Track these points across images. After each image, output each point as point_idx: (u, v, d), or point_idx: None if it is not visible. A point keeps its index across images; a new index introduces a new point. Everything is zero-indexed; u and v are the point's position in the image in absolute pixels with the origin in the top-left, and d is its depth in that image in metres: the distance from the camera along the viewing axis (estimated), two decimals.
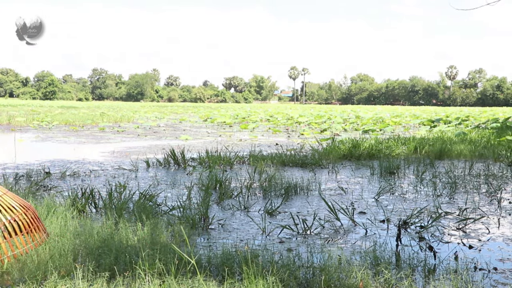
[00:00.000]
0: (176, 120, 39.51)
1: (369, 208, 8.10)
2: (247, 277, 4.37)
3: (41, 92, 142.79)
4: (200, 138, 22.55)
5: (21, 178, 10.25)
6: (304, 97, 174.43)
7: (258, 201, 8.59)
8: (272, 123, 36.26)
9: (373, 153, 14.40)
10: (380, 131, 27.19)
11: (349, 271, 4.62)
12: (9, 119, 31.90)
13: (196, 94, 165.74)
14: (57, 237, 5.40)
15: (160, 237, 5.66)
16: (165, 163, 12.71)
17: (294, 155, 13.56)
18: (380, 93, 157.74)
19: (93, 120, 34.07)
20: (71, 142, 20.19)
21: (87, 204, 7.49)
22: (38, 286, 4.33)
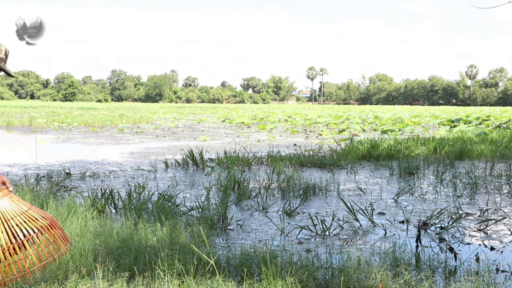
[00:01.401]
0: (195, 121, 39.63)
1: (388, 208, 8.06)
2: (266, 277, 4.37)
3: (61, 94, 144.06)
4: (218, 139, 22.60)
5: (42, 179, 10.35)
6: (322, 98, 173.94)
7: (276, 201, 8.59)
8: (290, 123, 36.22)
9: (392, 153, 14.31)
10: (399, 131, 27.02)
11: (368, 272, 4.59)
12: (30, 121, 32.23)
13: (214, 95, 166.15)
14: (77, 237, 5.44)
15: (179, 238, 5.68)
16: (183, 164, 12.75)
17: (312, 155, 13.53)
18: (399, 93, 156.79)
19: (112, 121, 34.30)
20: (90, 143, 20.35)
21: (107, 205, 7.54)
22: (59, 286, 4.37)
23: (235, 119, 38.37)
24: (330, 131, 28.09)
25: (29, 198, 6.92)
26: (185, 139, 22.33)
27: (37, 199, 7.04)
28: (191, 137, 23.49)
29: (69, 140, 21.63)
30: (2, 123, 30.81)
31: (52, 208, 6.40)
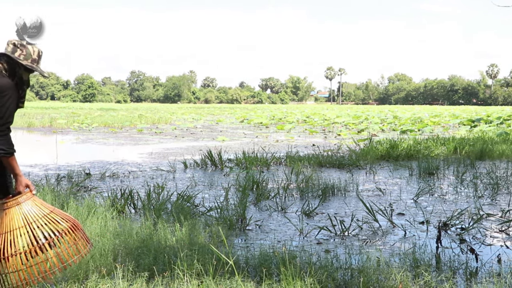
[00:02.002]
0: (213, 121, 39.73)
1: (408, 209, 8.00)
2: (285, 278, 4.37)
3: (81, 95, 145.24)
4: (236, 139, 22.63)
5: (63, 179, 10.44)
6: (341, 98, 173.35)
7: (295, 202, 8.57)
8: (308, 124, 36.16)
9: (412, 153, 14.22)
10: (418, 131, 26.83)
11: (388, 273, 4.57)
12: (51, 122, 32.54)
13: (232, 96, 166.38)
14: (97, 237, 5.48)
15: (198, 238, 5.69)
16: (202, 164, 12.79)
17: (331, 155, 13.49)
18: (418, 93, 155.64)
19: (131, 122, 34.50)
20: (110, 143, 20.49)
21: (126, 205, 7.59)
22: (80, 285, 4.41)
23: (254, 120, 38.37)
24: (349, 131, 27.98)
25: (50, 198, 6.99)
26: (204, 140, 22.39)
27: (57, 199, 7.11)
28: (210, 138, 23.54)
29: (88, 140, 21.81)
30: (24, 124, 31.15)
31: (72, 208, 6.45)
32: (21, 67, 3.99)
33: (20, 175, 3.88)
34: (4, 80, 3.87)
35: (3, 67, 3.95)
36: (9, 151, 3.80)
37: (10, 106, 3.83)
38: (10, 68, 3.96)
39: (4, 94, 3.81)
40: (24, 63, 3.97)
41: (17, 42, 4.00)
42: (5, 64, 3.95)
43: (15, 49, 3.97)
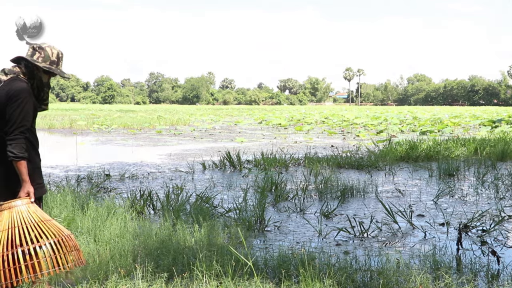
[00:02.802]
0: (231, 123, 39.79)
1: (428, 210, 7.94)
2: (304, 279, 4.36)
3: (101, 96, 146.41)
4: (255, 140, 22.63)
5: (83, 180, 10.53)
6: (360, 99, 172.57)
7: (314, 203, 8.55)
8: (327, 125, 36.06)
9: (431, 154, 14.11)
10: (438, 132, 26.62)
11: (408, 275, 4.53)
12: (71, 123, 32.83)
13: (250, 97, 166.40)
14: (117, 238, 5.52)
15: (217, 239, 5.70)
16: (221, 165, 12.81)
17: (350, 157, 13.44)
18: (438, 94, 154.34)
19: (150, 123, 34.68)
20: (129, 145, 20.62)
21: (146, 206, 7.63)
22: (100, 285, 4.44)
23: (272, 121, 38.36)
24: (368, 132, 27.85)
25: (71, 199, 7.05)
26: (222, 141, 22.43)
27: (78, 200, 7.17)
28: (228, 139, 23.58)
29: (108, 142, 21.97)
30: (44, 125, 31.47)
31: (92, 209, 6.50)
32: (39, 69, 4.04)
33: (26, 181, 3.87)
34: (18, 85, 3.92)
35: (22, 71, 4.01)
36: (18, 156, 3.80)
37: (23, 110, 3.85)
38: (29, 71, 4.02)
39: (17, 99, 3.85)
40: (42, 65, 4.02)
41: (35, 45, 4.06)
42: (24, 68, 4.02)
43: (34, 52, 4.03)
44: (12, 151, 3.79)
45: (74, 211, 6.59)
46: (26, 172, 3.85)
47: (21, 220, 3.80)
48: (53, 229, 3.88)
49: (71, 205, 6.84)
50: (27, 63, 4.03)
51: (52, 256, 3.78)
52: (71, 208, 6.70)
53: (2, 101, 3.90)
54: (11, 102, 3.85)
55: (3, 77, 4.01)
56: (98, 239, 5.62)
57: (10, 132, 3.82)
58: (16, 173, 3.92)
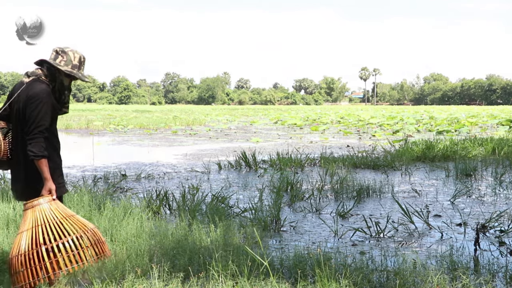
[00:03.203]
0: (247, 123, 39.81)
1: (445, 211, 7.89)
2: (320, 280, 4.35)
3: (117, 97, 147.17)
4: (270, 140, 22.63)
5: (99, 180, 10.60)
6: (375, 98, 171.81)
7: (329, 203, 8.53)
8: (343, 124, 35.95)
9: (448, 154, 14.01)
10: (455, 132, 26.42)
11: (424, 276, 4.50)
12: (88, 124, 33.04)
13: (266, 97, 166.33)
14: (133, 238, 5.55)
15: (233, 239, 5.71)
16: (236, 165, 12.82)
17: (365, 156, 13.39)
18: (455, 93, 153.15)
19: (166, 124, 34.80)
20: (145, 145, 20.71)
21: (162, 206, 7.66)
22: (116, 285, 4.46)
23: (287, 121, 38.31)
24: (384, 132, 27.72)
25: (87, 199, 7.10)
26: (238, 141, 22.45)
27: (94, 200, 7.21)
28: (244, 139, 23.59)
29: (124, 142, 22.09)
30: (61, 126, 31.71)
31: (109, 209, 6.54)
32: (61, 73, 4.14)
33: (48, 179, 3.96)
34: (38, 86, 4.02)
35: (44, 73, 4.10)
36: (38, 154, 3.90)
37: (41, 110, 3.95)
38: (50, 74, 4.11)
39: (35, 99, 3.96)
40: (64, 69, 4.12)
41: (59, 49, 4.16)
42: (46, 70, 4.11)
43: (57, 55, 4.14)
44: (32, 150, 3.88)
45: (91, 211, 6.63)
46: (47, 170, 3.94)
47: (44, 218, 3.87)
48: (76, 224, 3.95)
49: (88, 205, 6.89)
50: (49, 66, 4.13)
51: (75, 252, 3.84)
52: (88, 208, 6.75)
53: (23, 102, 4.00)
54: (30, 102, 3.96)
55: (26, 79, 4.12)
56: (115, 238, 5.66)
57: (30, 132, 3.91)
58: (36, 172, 3.99)
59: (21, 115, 4.02)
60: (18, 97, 4.09)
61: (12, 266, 3.86)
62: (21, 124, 4.03)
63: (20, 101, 4.05)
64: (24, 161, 4.04)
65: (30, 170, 4.04)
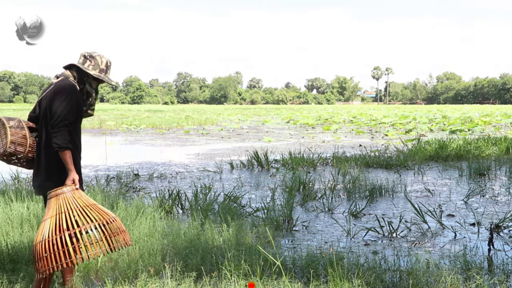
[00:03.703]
0: (259, 122, 39.80)
1: (458, 210, 7.84)
2: (332, 279, 4.34)
3: (129, 97, 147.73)
4: (283, 140, 22.61)
5: (112, 180, 10.65)
6: (388, 98, 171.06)
7: (342, 203, 8.51)
8: (355, 124, 35.84)
9: (461, 154, 13.93)
10: (468, 131, 26.26)
11: (438, 276, 4.48)
12: (100, 123, 33.20)
13: (278, 96, 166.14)
14: (146, 237, 5.57)
15: (245, 238, 5.71)
16: (248, 165, 12.83)
17: (378, 156, 13.34)
18: (468, 92, 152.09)
19: (178, 123, 34.89)
20: (157, 144, 20.78)
21: (174, 205, 7.68)
22: (129, 284, 4.48)
23: (300, 120, 38.26)
24: (396, 131, 27.61)
25: (100, 198, 7.13)
26: (250, 140, 22.46)
27: (107, 200, 7.25)
28: (256, 138, 23.60)
29: (137, 142, 22.17)
30: None
31: (121, 209, 6.56)
32: (89, 76, 4.34)
33: (71, 170, 4.11)
34: (66, 82, 4.21)
35: (73, 75, 4.30)
36: (63, 146, 4.05)
37: (68, 105, 4.10)
38: (79, 76, 4.31)
39: (62, 94, 4.13)
40: (92, 72, 4.31)
41: (86, 54, 4.35)
42: (75, 73, 4.31)
43: (85, 60, 4.33)
44: (56, 142, 4.05)
45: None
46: (71, 162, 4.10)
47: (68, 205, 4.00)
48: (98, 212, 4.07)
49: (101, 204, 6.91)
50: (78, 69, 4.33)
51: (98, 238, 3.97)
52: None
53: (50, 96, 4.18)
54: (57, 97, 4.13)
55: (55, 80, 4.31)
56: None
57: (55, 125, 4.07)
58: (56, 167, 4.15)
59: (48, 109, 4.17)
60: (46, 95, 4.25)
61: (36, 252, 3.96)
62: (46, 119, 4.17)
63: (48, 96, 4.21)
64: (46, 157, 4.18)
65: (51, 165, 4.17)
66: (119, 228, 4.11)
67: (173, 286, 4.34)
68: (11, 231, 5.61)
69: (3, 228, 5.71)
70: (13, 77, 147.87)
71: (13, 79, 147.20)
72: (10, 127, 4.17)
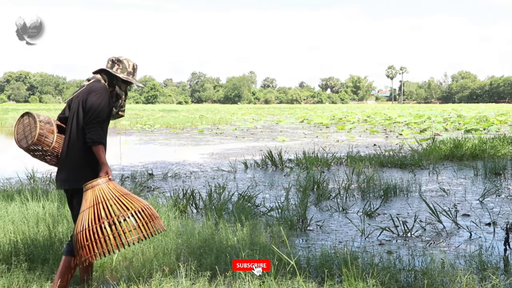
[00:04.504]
0: (273, 122, 39.79)
1: (473, 210, 7.79)
2: (347, 279, 4.33)
3: (144, 97, 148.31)
4: (297, 139, 22.59)
5: (127, 179, 10.70)
6: (402, 97, 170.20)
7: (356, 202, 8.49)
8: (369, 123, 35.71)
9: (477, 153, 13.83)
10: (483, 131, 26.05)
11: (453, 276, 4.46)
12: (115, 123, 33.30)
13: (292, 96, 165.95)
14: (160, 237, 5.59)
15: (259, 238, 5.71)
16: (262, 165, 12.83)
17: (392, 155, 13.29)
18: (484, 91, 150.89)
19: (192, 123, 34.98)
20: (172, 144, 20.84)
21: (188, 205, 7.70)
22: (144, 283, 4.50)
23: (314, 120, 38.20)
24: (411, 130, 27.47)
25: None
26: (264, 140, 22.46)
27: None
28: (270, 138, 23.59)
29: (151, 141, 22.26)
30: None
31: None
32: (118, 79, 4.57)
33: (104, 163, 4.30)
34: (98, 84, 4.45)
35: (103, 78, 4.54)
36: (96, 141, 4.26)
37: (101, 104, 4.33)
38: (109, 80, 4.55)
39: (96, 93, 4.36)
40: (121, 76, 4.54)
41: (114, 58, 4.58)
42: (105, 76, 4.55)
43: (113, 64, 4.56)
44: (90, 137, 4.25)
45: None
46: (104, 155, 4.32)
47: (104, 196, 4.20)
48: (133, 200, 4.26)
49: None
50: (108, 73, 4.56)
51: (136, 225, 4.17)
52: None
53: (83, 96, 4.40)
54: (92, 96, 4.35)
55: (86, 83, 4.54)
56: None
57: (89, 122, 4.29)
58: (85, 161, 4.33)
59: (81, 108, 4.37)
60: (78, 94, 4.48)
61: (78, 242, 4.14)
62: (78, 117, 4.37)
63: (81, 96, 4.43)
64: (73, 153, 4.37)
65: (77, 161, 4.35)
66: (153, 215, 4.30)
67: (188, 285, 4.36)
68: (27, 230, 5.66)
69: (19, 227, 5.76)
70: (29, 77, 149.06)
71: (28, 79, 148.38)
72: (40, 121, 4.40)
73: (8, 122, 34.35)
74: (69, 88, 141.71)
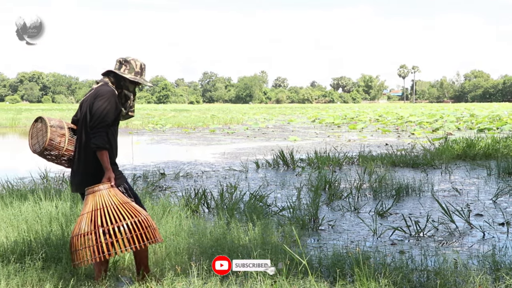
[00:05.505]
0: (284, 121, 39.77)
1: (486, 210, 7.74)
2: (359, 279, 4.32)
3: (155, 96, 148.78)
4: (308, 139, 22.56)
5: (139, 179, 10.74)
6: (414, 96, 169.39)
7: (368, 202, 8.47)
8: (381, 123, 35.59)
9: (490, 152, 13.74)
10: (497, 130, 25.87)
11: (466, 276, 4.43)
12: (127, 123, 33.46)
13: (303, 95, 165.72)
14: (172, 236, 5.60)
15: (271, 238, 5.71)
16: (274, 164, 12.83)
17: (404, 155, 13.23)
18: (497, 90, 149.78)
19: (204, 123, 35.03)
20: (183, 144, 20.90)
21: (200, 204, 7.72)
22: (156, 283, 4.51)
23: (325, 119, 38.13)
24: (423, 130, 27.34)
25: None
26: (275, 140, 22.45)
27: None
28: (281, 138, 23.58)
29: (163, 141, 22.33)
30: None
31: (148, 208, 6.61)
32: (126, 80, 4.58)
33: (108, 168, 4.32)
34: (105, 87, 4.47)
35: (110, 81, 4.56)
36: (100, 146, 4.28)
37: (106, 108, 4.35)
38: (117, 81, 4.57)
39: (102, 97, 4.38)
40: (128, 76, 4.55)
41: (121, 59, 4.59)
42: (112, 78, 4.57)
43: (121, 65, 4.58)
44: (95, 142, 4.27)
45: None
46: (108, 161, 4.32)
47: (103, 202, 4.23)
48: (131, 210, 4.28)
49: None
50: (115, 75, 4.58)
51: (129, 235, 4.18)
52: None
53: (90, 100, 4.43)
54: (97, 100, 4.38)
55: (95, 85, 4.58)
56: None
57: (94, 126, 4.31)
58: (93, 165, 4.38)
59: (88, 112, 4.41)
60: (86, 98, 4.52)
61: (73, 245, 4.22)
62: (86, 121, 4.41)
63: (88, 100, 4.47)
64: (84, 156, 4.42)
65: (88, 165, 4.41)
66: (150, 226, 4.31)
67: (200, 285, 4.37)
68: (40, 229, 5.70)
69: (33, 226, 5.80)
70: (42, 77, 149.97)
71: (41, 79, 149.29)
72: (51, 126, 4.45)
73: (21, 122, 34.61)
74: (82, 88, 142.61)
